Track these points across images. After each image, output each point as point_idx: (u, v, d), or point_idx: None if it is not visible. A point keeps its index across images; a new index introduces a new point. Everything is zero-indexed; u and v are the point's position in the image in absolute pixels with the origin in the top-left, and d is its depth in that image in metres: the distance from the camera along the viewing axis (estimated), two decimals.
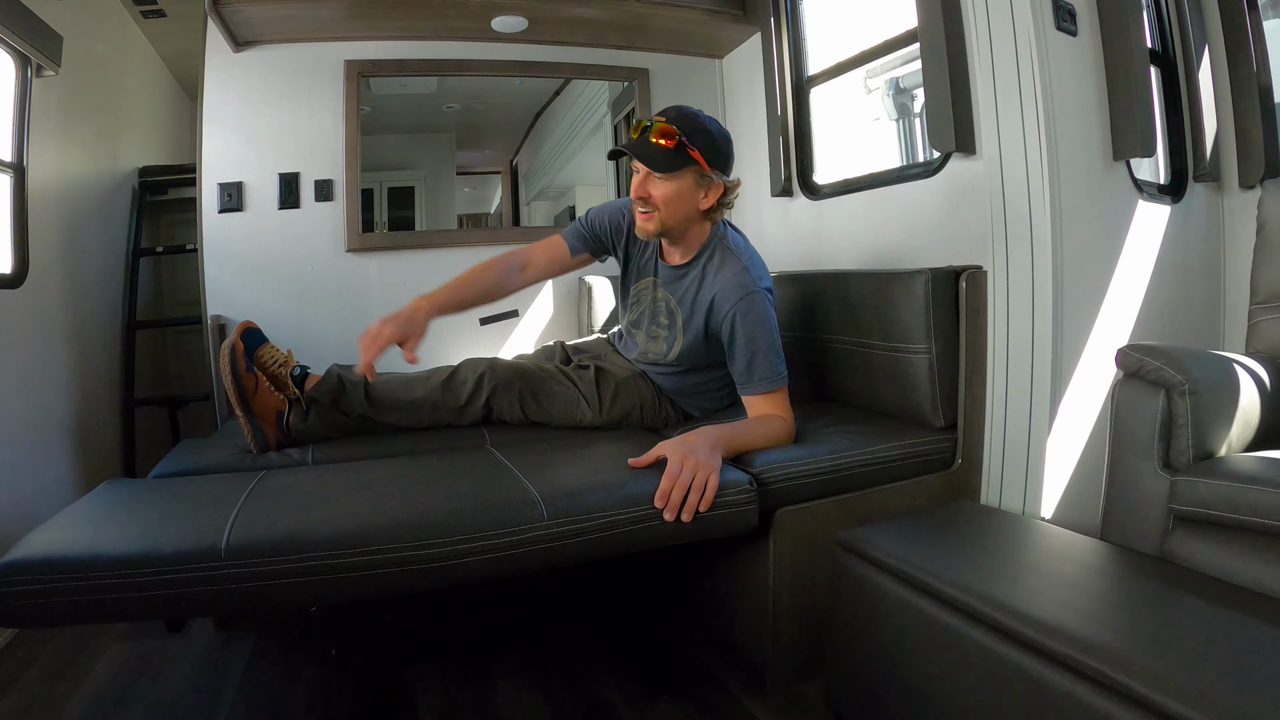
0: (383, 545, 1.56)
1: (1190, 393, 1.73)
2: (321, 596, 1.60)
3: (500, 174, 4.17)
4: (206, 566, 1.49)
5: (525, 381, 2.35)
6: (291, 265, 3.29)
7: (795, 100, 3.29)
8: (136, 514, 1.75)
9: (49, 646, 2.29)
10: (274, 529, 1.59)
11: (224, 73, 3.22)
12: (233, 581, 1.49)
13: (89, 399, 3.32)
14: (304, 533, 1.57)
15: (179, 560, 1.49)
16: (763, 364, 2.09)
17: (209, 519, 1.63)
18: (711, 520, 1.79)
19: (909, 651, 1.55)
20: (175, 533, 1.58)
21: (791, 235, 3.37)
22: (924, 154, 3.02)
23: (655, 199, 2.05)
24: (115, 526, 1.66)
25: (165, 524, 1.65)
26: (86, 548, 1.53)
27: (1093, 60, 2.21)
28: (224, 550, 1.50)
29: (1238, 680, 1.08)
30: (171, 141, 4.89)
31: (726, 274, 2.13)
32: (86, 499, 1.89)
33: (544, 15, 3.28)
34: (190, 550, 1.51)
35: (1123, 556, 1.61)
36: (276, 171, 3.28)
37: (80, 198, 3.40)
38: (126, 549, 1.51)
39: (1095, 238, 2.16)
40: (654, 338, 2.33)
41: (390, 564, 1.55)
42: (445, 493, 1.77)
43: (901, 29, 2.69)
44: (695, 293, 2.18)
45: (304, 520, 1.63)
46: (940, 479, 2.16)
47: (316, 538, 1.56)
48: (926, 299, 2.18)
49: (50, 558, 1.48)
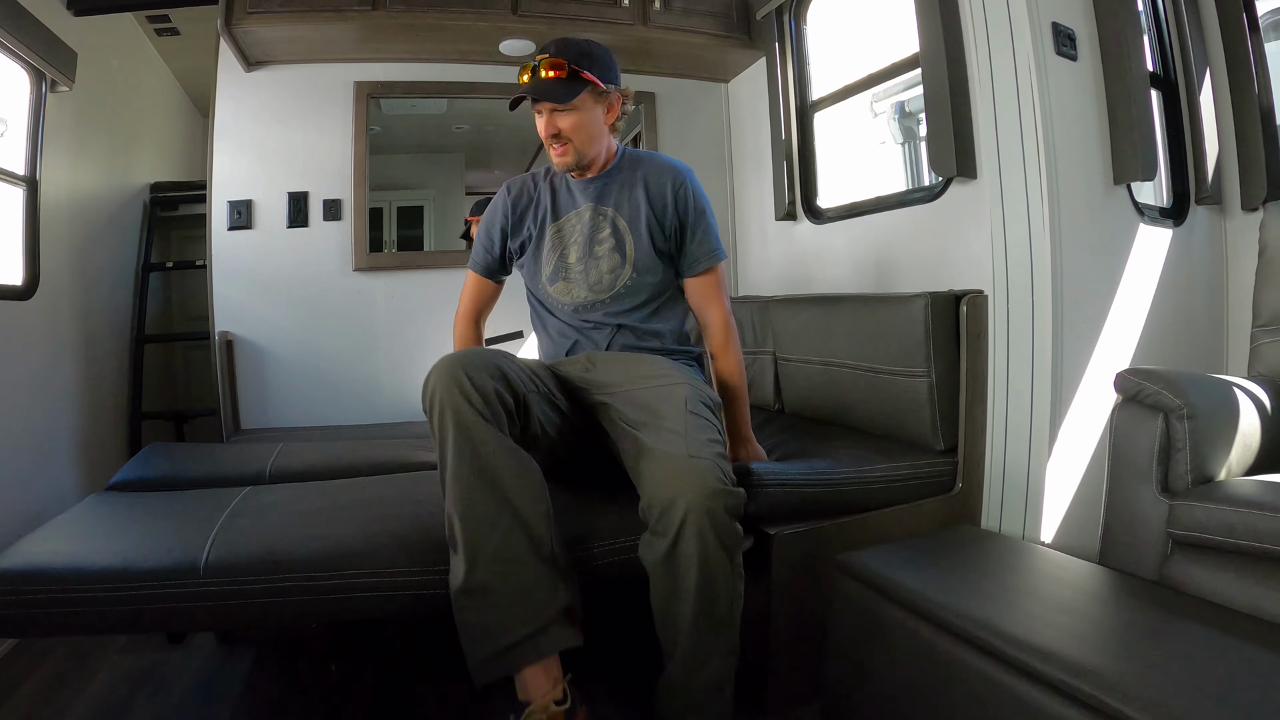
0: (359, 569, 1.58)
1: (1189, 417, 1.73)
2: (301, 616, 1.62)
3: None
4: (185, 583, 1.52)
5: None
6: (299, 283, 3.32)
7: (799, 124, 3.31)
8: (121, 527, 1.79)
9: (49, 657, 2.29)
10: (253, 548, 1.61)
11: (236, 91, 3.27)
12: (211, 599, 1.53)
13: (96, 411, 3.35)
14: (283, 553, 1.60)
15: (159, 575, 1.52)
16: (711, 238, 2.15)
17: (190, 535, 1.66)
18: None
19: (906, 675, 1.55)
20: (157, 548, 1.61)
21: (795, 258, 3.39)
22: (929, 178, 3.03)
23: (565, 131, 2.03)
24: (99, 539, 1.70)
25: (148, 539, 1.68)
26: (69, 560, 1.56)
27: (1093, 84, 2.22)
28: (203, 567, 1.54)
29: (1233, 705, 1.09)
30: (182, 158, 4.93)
31: (655, 163, 2.19)
32: (74, 511, 1.93)
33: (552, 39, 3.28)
34: (170, 566, 1.54)
35: (1121, 581, 1.61)
36: (286, 190, 3.33)
37: (92, 212, 3.44)
38: (108, 562, 1.55)
39: (1096, 261, 2.16)
40: (597, 261, 2.12)
41: (368, 588, 1.57)
42: (429, 516, 1.76)
43: (905, 54, 2.71)
44: (630, 190, 2.16)
45: (283, 540, 1.66)
46: (940, 503, 2.15)
47: (295, 558, 1.59)
48: (927, 323, 2.19)
49: (33, 569, 1.52)
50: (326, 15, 3.00)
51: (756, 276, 3.70)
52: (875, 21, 3.29)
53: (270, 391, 3.29)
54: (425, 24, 3.12)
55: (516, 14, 3.15)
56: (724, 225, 3.76)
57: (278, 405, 3.30)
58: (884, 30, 3.07)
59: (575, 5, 3.23)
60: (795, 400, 2.82)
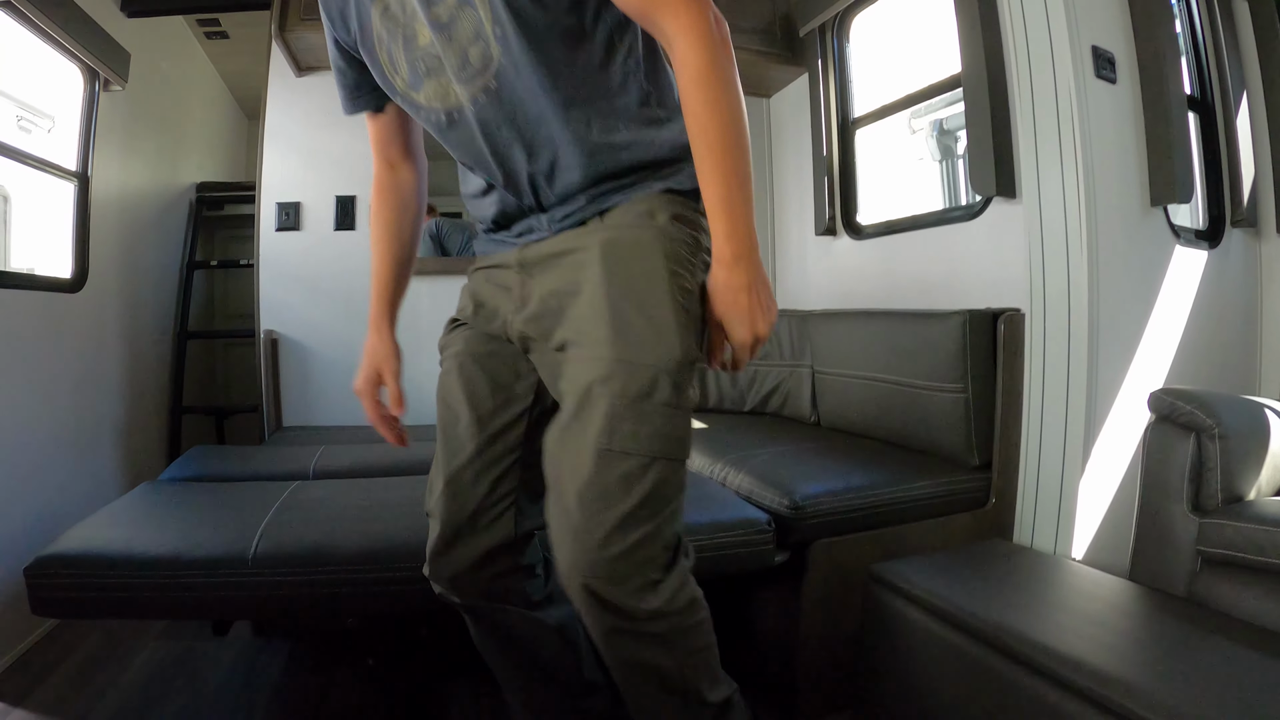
0: (406, 564, 1.61)
1: (1220, 436, 1.75)
2: (344, 609, 1.68)
3: None
4: (234, 572, 1.59)
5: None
6: (344, 286, 3.38)
7: (841, 141, 3.34)
8: (172, 516, 1.86)
9: (84, 642, 2.36)
10: (300, 541, 1.68)
11: (286, 96, 3.35)
12: (258, 589, 1.59)
13: (139, 403, 3.43)
14: (329, 546, 1.66)
15: (208, 564, 1.59)
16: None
17: (240, 527, 1.73)
18: (730, 558, 1.84)
19: (938, 683, 1.59)
20: (207, 537, 1.68)
21: (834, 274, 3.41)
22: (966, 195, 3.05)
23: None
24: (152, 527, 1.77)
25: (199, 528, 1.75)
26: (123, 546, 1.64)
27: (1131, 106, 2.24)
28: (252, 558, 1.60)
29: (1259, 719, 1.11)
30: (228, 159, 5.03)
31: None
32: (126, 498, 2.00)
33: None
34: (220, 556, 1.61)
35: (1150, 597, 1.64)
36: (334, 194, 3.40)
37: (140, 209, 3.53)
38: (160, 550, 1.62)
39: (1132, 282, 2.18)
40: (451, 44, 1.22)
41: (409, 582, 1.58)
42: None
43: (946, 73, 2.74)
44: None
45: (330, 534, 1.71)
46: (973, 517, 2.18)
47: (340, 552, 1.65)
48: (964, 340, 2.22)
49: (88, 553, 1.60)
50: None
51: (796, 290, 3.71)
52: (916, 38, 3.32)
53: (312, 390, 3.35)
54: None
55: None
56: (764, 239, 3.82)
57: (319, 404, 3.36)
58: (925, 47, 3.10)
59: None
60: (832, 413, 2.85)
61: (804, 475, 2.10)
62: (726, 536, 1.84)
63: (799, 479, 2.06)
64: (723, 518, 1.89)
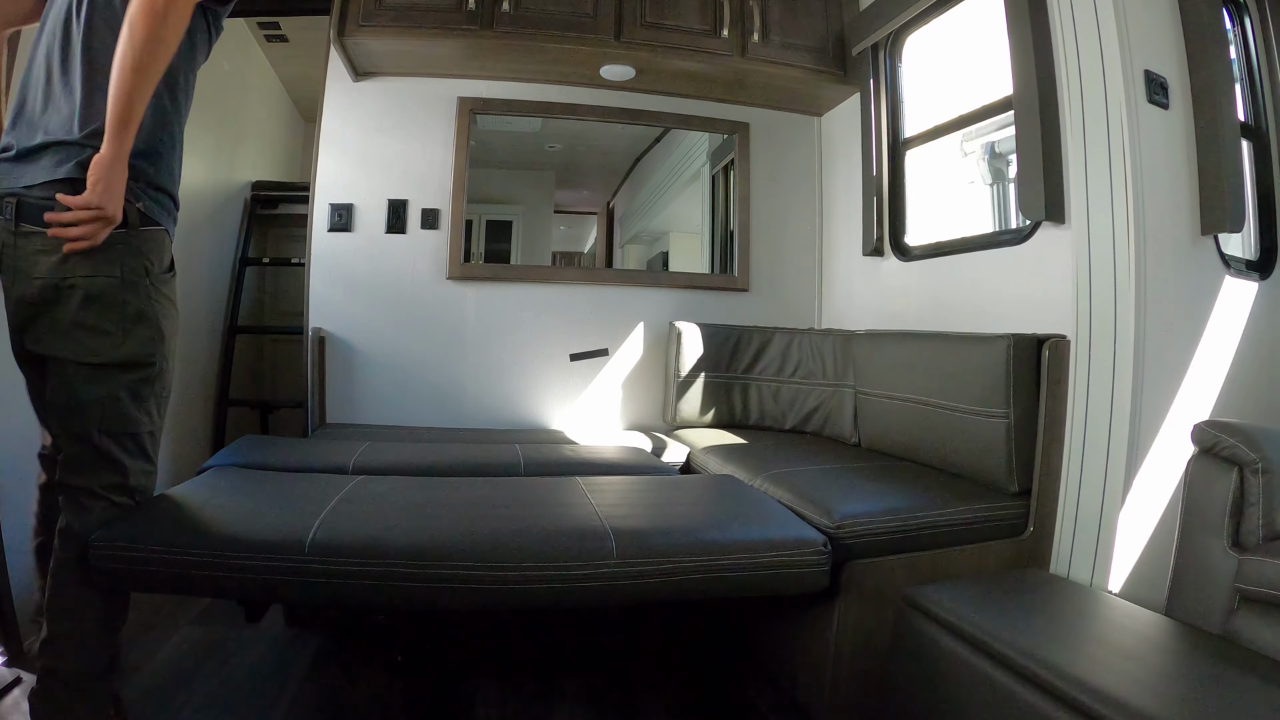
0: (455, 562, 1.68)
1: (1264, 471, 1.72)
2: (394, 601, 1.72)
3: (596, 215, 4.26)
4: (289, 558, 1.64)
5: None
6: (393, 287, 3.44)
7: (891, 161, 3.33)
8: (235, 501, 1.92)
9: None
10: (356, 532, 1.73)
11: (343, 100, 3.42)
12: (312, 575, 1.64)
13: (187, 394, 3.52)
14: (383, 540, 1.70)
15: (266, 548, 1.65)
16: None
17: (299, 515, 1.79)
18: (781, 577, 1.85)
19: (966, 710, 1.57)
20: (267, 523, 1.74)
21: (880, 294, 3.41)
22: (1016, 220, 3.03)
23: None
24: (214, 509, 1.83)
25: (259, 514, 1.81)
26: (187, 526, 1.72)
27: (1183, 133, 2.22)
28: (308, 545, 1.65)
29: None
30: (283, 159, 5.13)
31: None
32: (192, 482, 2.07)
33: (651, 66, 3.39)
34: (278, 541, 1.67)
35: (1185, 632, 1.62)
36: (386, 197, 3.46)
37: (196, 205, 3.61)
38: (221, 531, 1.70)
39: (1180, 312, 2.16)
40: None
41: (460, 579, 1.67)
42: (521, 517, 1.87)
43: (998, 95, 2.72)
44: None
45: (386, 528, 1.76)
46: (1010, 545, 2.15)
47: (395, 546, 1.69)
48: (1008, 365, 2.21)
49: (153, 530, 1.66)
50: (435, 32, 3.12)
51: (841, 310, 3.72)
52: (969, 60, 3.31)
53: (357, 388, 3.40)
54: (530, 45, 3.21)
55: (619, 40, 3.23)
56: (811, 257, 3.85)
57: (363, 402, 3.41)
58: (978, 69, 3.08)
59: (676, 34, 3.29)
60: (873, 434, 2.85)
61: (843, 495, 2.12)
62: (778, 556, 1.85)
63: (837, 498, 2.07)
64: (776, 535, 1.90)
